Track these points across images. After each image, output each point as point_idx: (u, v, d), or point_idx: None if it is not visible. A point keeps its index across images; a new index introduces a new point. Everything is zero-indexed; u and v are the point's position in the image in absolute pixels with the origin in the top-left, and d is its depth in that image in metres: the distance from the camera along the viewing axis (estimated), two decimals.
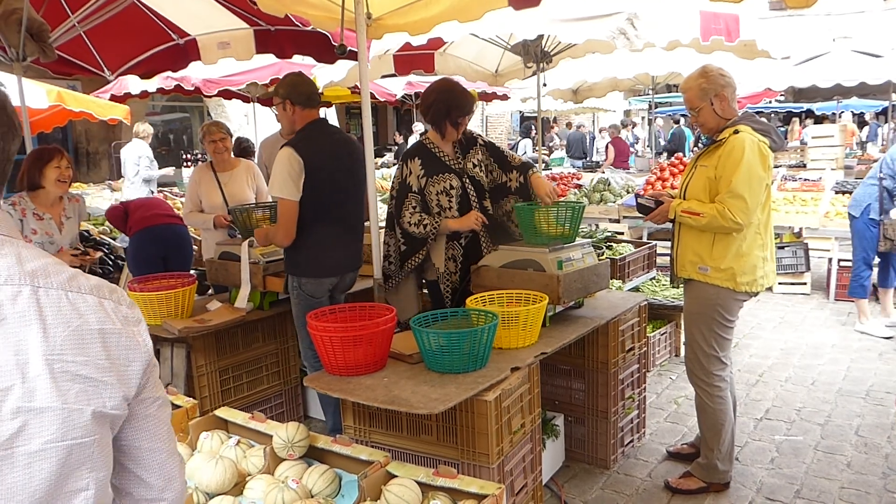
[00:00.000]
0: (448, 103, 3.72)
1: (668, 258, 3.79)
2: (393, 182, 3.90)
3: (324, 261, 3.87)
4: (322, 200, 3.79)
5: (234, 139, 8.14)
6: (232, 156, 5.36)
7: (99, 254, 4.46)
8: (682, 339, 4.95)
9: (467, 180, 3.82)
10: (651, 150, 16.53)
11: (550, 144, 19.82)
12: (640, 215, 3.84)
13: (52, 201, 4.25)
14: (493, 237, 3.87)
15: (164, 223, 5.44)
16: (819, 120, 21.06)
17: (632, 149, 19.62)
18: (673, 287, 5.95)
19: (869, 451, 4.06)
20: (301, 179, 3.69)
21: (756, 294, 3.53)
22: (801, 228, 7.92)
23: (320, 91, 8.10)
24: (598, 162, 16.33)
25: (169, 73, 7.47)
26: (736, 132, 3.35)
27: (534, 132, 14.29)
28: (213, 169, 5.25)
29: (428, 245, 3.75)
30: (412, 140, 14.22)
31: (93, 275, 3.65)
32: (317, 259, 3.85)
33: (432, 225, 3.69)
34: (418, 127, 13.99)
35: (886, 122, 15.41)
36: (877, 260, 6.33)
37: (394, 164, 13.87)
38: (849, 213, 6.43)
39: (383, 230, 4.51)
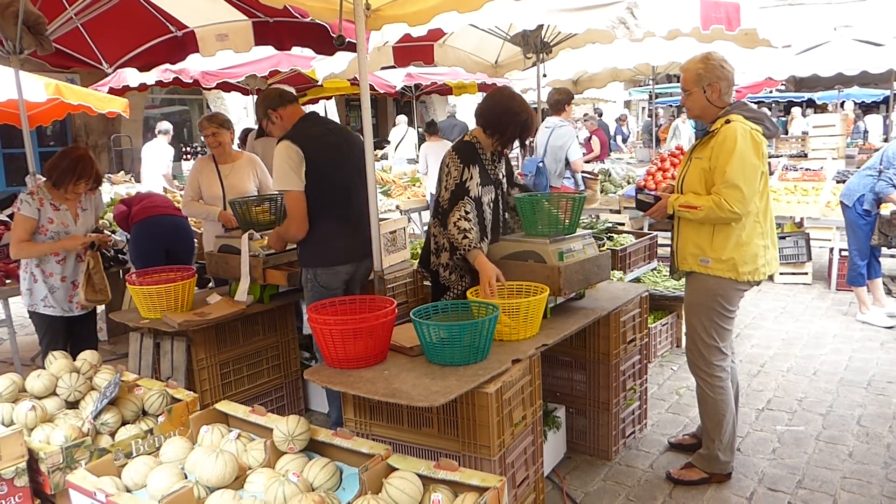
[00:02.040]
0: (522, 128, 3.58)
1: (668, 248, 3.78)
2: (448, 180, 3.59)
3: (337, 248, 3.87)
4: (326, 189, 3.80)
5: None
6: (233, 149, 5.35)
7: (112, 237, 4.49)
8: (684, 329, 4.94)
9: (500, 192, 3.79)
10: (653, 141, 16.46)
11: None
12: (641, 211, 3.81)
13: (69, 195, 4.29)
14: None
15: (162, 214, 5.45)
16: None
17: (624, 143, 19.56)
18: (673, 279, 5.94)
19: (870, 441, 4.05)
20: (302, 169, 3.71)
21: (759, 283, 3.52)
22: (802, 218, 7.91)
23: (319, 83, 8.12)
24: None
25: (167, 66, 7.44)
26: (728, 122, 3.34)
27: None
28: (215, 160, 5.25)
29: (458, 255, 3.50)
30: (397, 132, 14.06)
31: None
32: (329, 247, 3.85)
33: (470, 243, 3.40)
34: (401, 118, 13.88)
35: (888, 111, 15.35)
36: None
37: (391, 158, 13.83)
38: (841, 202, 6.40)
39: (385, 222, 4.50)
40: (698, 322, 3.57)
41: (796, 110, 19.37)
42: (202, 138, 5.35)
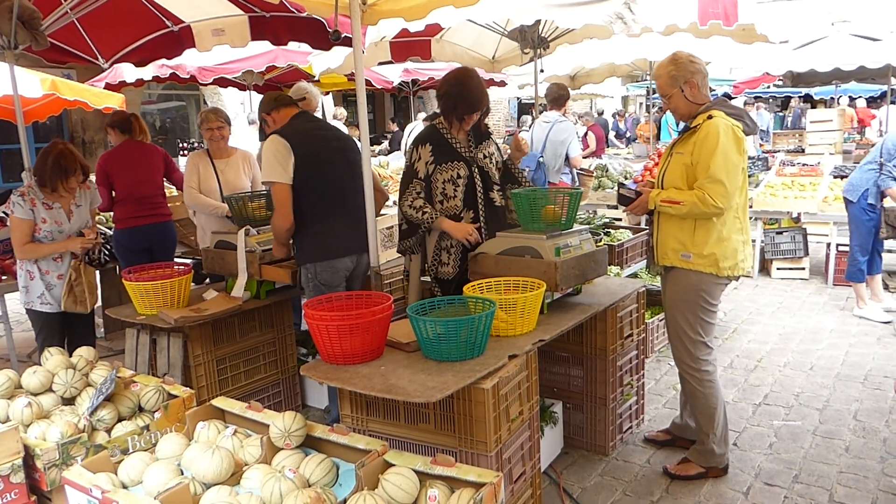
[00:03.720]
0: (456, 98, 3.71)
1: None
2: (405, 164, 3.90)
3: (332, 242, 3.89)
4: (317, 183, 3.83)
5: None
6: (228, 144, 5.34)
7: (94, 235, 4.47)
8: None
9: (476, 170, 3.81)
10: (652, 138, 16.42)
11: None
12: (622, 206, 3.82)
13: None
14: (502, 229, 3.84)
15: (147, 223, 5.41)
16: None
17: (619, 139, 19.54)
18: (650, 273, 5.92)
19: (867, 436, 4.06)
20: (289, 162, 3.76)
21: (737, 278, 3.55)
22: (799, 213, 7.91)
23: (316, 78, 8.11)
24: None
25: (164, 61, 7.42)
26: (710, 118, 3.36)
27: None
28: (210, 156, 5.24)
29: (423, 231, 3.78)
30: (410, 127, 14.15)
31: (93, 263, 3.62)
32: (324, 242, 3.87)
33: (430, 216, 3.68)
34: (421, 115, 13.93)
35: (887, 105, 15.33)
36: None
37: (390, 152, 13.82)
38: (844, 198, 6.40)
39: (382, 217, 4.49)
40: (682, 318, 3.57)
41: (844, 101, 19.03)
42: (201, 131, 5.31)
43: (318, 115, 5.07)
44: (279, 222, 3.84)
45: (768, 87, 17.73)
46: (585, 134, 14.90)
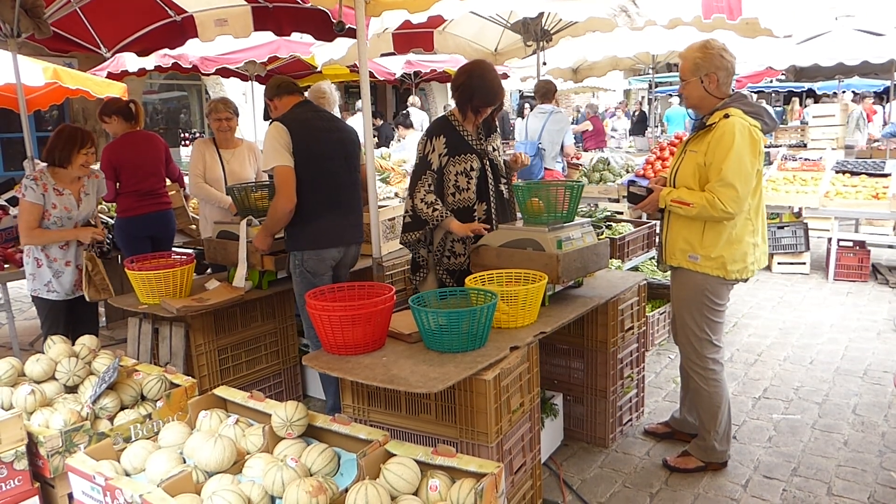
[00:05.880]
0: (473, 90, 3.71)
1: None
2: (416, 160, 3.87)
3: (323, 231, 3.89)
4: (313, 170, 3.85)
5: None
6: (235, 136, 5.33)
7: (105, 231, 4.48)
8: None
9: (487, 162, 3.83)
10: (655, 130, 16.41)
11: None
12: (632, 204, 3.78)
13: (72, 178, 4.27)
14: (509, 221, 3.86)
15: (149, 212, 5.42)
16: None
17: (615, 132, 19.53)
18: (659, 270, 5.92)
19: (866, 430, 4.07)
20: (290, 147, 3.77)
21: (746, 280, 3.50)
22: (800, 208, 7.91)
23: (319, 70, 8.10)
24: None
25: (166, 51, 7.41)
26: (726, 116, 3.27)
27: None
28: (216, 144, 5.24)
29: (430, 227, 3.77)
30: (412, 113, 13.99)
31: (96, 253, 3.65)
32: (316, 230, 3.87)
33: (440, 214, 3.69)
34: (414, 100, 13.79)
35: (888, 101, 15.29)
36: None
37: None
38: None
39: (384, 209, 4.49)
40: (689, 317, 3.56)
41: (847, 97, 18.93)
42: (208, 120, 5.30)
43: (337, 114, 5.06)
44: (281, 204, 3.81)
45: (771, 81, 17.68)
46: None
